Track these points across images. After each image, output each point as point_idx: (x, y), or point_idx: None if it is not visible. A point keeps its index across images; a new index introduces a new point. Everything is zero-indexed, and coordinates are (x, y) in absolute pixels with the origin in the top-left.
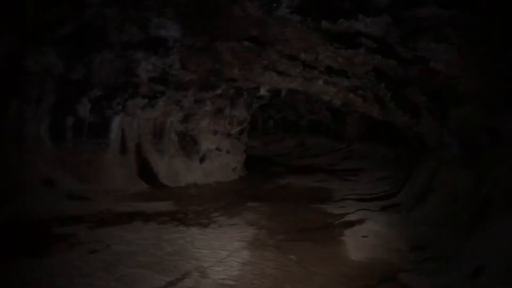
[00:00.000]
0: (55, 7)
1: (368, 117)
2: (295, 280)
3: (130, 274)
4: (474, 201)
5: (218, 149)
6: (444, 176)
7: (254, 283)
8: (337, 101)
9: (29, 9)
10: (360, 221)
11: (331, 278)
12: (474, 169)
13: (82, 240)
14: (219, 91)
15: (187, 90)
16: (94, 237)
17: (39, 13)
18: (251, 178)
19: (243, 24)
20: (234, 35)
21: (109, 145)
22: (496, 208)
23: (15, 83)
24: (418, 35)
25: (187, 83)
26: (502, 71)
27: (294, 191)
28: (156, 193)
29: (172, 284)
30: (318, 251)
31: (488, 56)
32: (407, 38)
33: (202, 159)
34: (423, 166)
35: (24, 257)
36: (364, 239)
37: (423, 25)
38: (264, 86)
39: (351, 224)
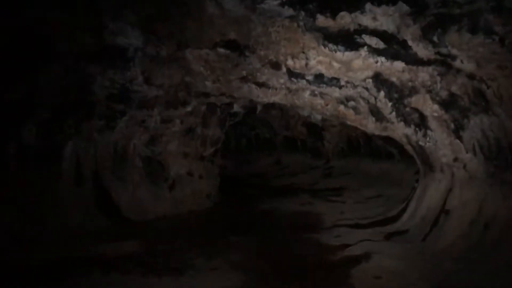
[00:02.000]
0: None
1: (347, 131)
2: None
3: None
4: None
5: (189, 173)
6: (463, 197)
7: None
8: (324, 115)
9: None
10: (366, 256)
11: None
12: (508, 189)
13: None
14: (189, 108)
15: (152, 108)
16: None
17: None
18: (228, 204)
19: (219, 25)
20: (207, 41)
21: (61, 175)
22: None
23: None
24: (446, 26)
25: (152, 100)
26: None
27: (279, 218)
28: (118, 230)
29: None
30: None
31: None
32: (430, 31)
33: (171, 187)
34: (430, 185)
35: None
36: (378, 281)
37: (455, 13)
38: (239, 102)
39: (356, 260)
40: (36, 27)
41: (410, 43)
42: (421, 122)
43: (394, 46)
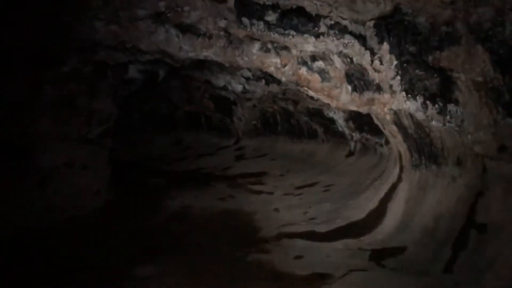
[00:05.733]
0: None
1: (263, 106)
2: None
3: None
4: None
5: (68, 164)
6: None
7: None
8: (280, 78)
9: None
10: None
11: None
12: None
13: None
14: (66, 69)
15: (7, 66)
16: None
17: None
18: (125, 203)
19: None
20: None
21: None
22: None
23: None
24: None
25: (5, 53)
26: None
27: (200, 223)
28: None
29: None
30: None
31: None
32: None
33: (42, 184)
34: (434, 183)
35: None
36: None
37: None
38: (141, 60)
39: None
40: None
41: None
42: (442, 92)
43: None
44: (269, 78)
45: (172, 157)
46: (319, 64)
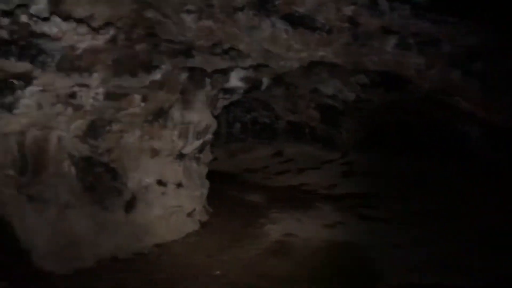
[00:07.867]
0: None
1: (375, 117)
2: None
3: None
4: None
5: (160, 182)
6: None
7: None
8: (422, 85)
9: None
10: None
11: None
12: None
13: None
14: (157, 76)
15: (88, 72)
16: None
17: None
18: (220, 226)
19: None
20: None
21: None
22: None
23: None
24: None
25: (88, 55)
26: None
27: (304, 261)
28: None
29: None
30: None
31: None
32: None
33: (129, 206)
34: None
35: None
36: None
37: None
38: (243, 66)
39: None
40: None
41: None
42: None
43: None
44: (391, 84)
45: (273, 170)
46: (481, 66)
